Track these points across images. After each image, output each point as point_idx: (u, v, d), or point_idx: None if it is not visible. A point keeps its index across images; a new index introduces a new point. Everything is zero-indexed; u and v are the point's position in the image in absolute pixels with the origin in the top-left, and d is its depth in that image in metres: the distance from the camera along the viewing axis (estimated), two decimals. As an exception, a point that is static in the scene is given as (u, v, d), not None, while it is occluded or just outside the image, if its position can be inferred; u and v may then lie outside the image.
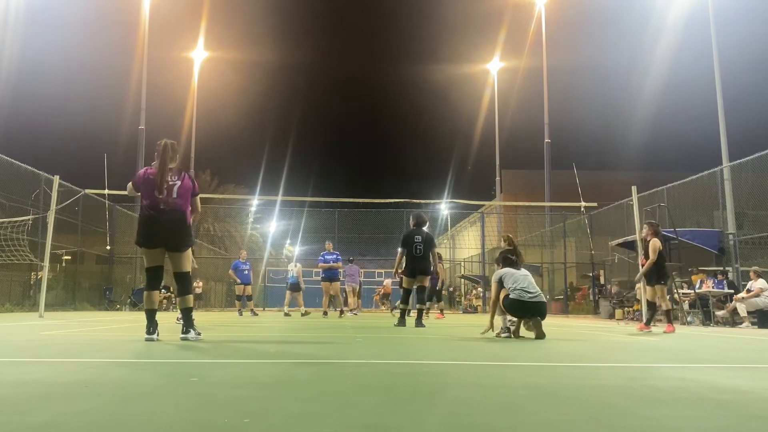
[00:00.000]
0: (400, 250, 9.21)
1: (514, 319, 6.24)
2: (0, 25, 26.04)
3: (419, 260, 8.85)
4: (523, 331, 6.20)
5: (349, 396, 2.42)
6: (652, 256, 8.46)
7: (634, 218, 12.30)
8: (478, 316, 14.41)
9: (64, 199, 13.95)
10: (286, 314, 14.05)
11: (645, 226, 9.12)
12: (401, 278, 9.27)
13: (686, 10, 23.07)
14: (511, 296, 6.00)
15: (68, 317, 11.66)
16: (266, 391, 2.51)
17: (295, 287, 14.76)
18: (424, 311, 10.03)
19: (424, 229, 9.23)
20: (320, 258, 14.38)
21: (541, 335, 5.91)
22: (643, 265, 8.80)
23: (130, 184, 5.34)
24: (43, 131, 40.53)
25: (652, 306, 8.76)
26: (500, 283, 6.21)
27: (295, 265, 15.10)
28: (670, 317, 8.69)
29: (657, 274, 8.49)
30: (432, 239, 9.23)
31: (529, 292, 5.99)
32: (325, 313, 13.77)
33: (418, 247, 8.85)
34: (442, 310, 14.85)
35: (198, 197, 5.32)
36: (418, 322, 8.47)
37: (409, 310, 9.39)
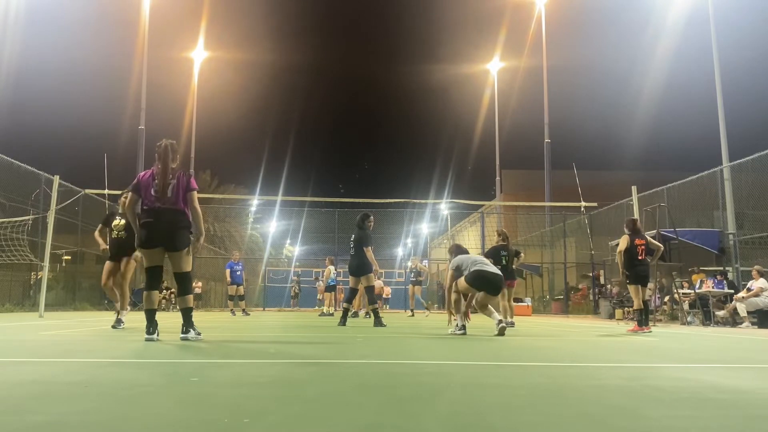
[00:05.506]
0: None
1: (468, 320, 6.74)
2: (0, 25, 26.02)
3: (351, 258, 9.33)
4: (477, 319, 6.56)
5: (349, 396, 2.42)
6: (617, 256, 8.46)
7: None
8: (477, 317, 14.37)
9: (64, 199, 13.95)
10: (329, 314, 14.86)
11: None
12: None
13: (686, 10, 23.05)
14: (472, 269, 6.32)
15: (68, 317, 11.65)
16: (266, 391, 2.51)
17: (332, 288, 16.30)
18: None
19: (365, 227, 9.38)
20: None
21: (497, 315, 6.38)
22: None
23: (131, 194, 5.17)
24: (43, 131, 40.46)
25: (645, 305, 8.67)
26: (457, 271, 6.49)
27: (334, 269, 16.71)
28: (639, 317, 8.35)
29: (627, 273, 8.45)
30: (362, 237, 9.16)
31: (488, 266, 6.43)
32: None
33: (351, 244, 9.34)
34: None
35: (193, 193, 5.12)
36: (377, 322, 8.56)
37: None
